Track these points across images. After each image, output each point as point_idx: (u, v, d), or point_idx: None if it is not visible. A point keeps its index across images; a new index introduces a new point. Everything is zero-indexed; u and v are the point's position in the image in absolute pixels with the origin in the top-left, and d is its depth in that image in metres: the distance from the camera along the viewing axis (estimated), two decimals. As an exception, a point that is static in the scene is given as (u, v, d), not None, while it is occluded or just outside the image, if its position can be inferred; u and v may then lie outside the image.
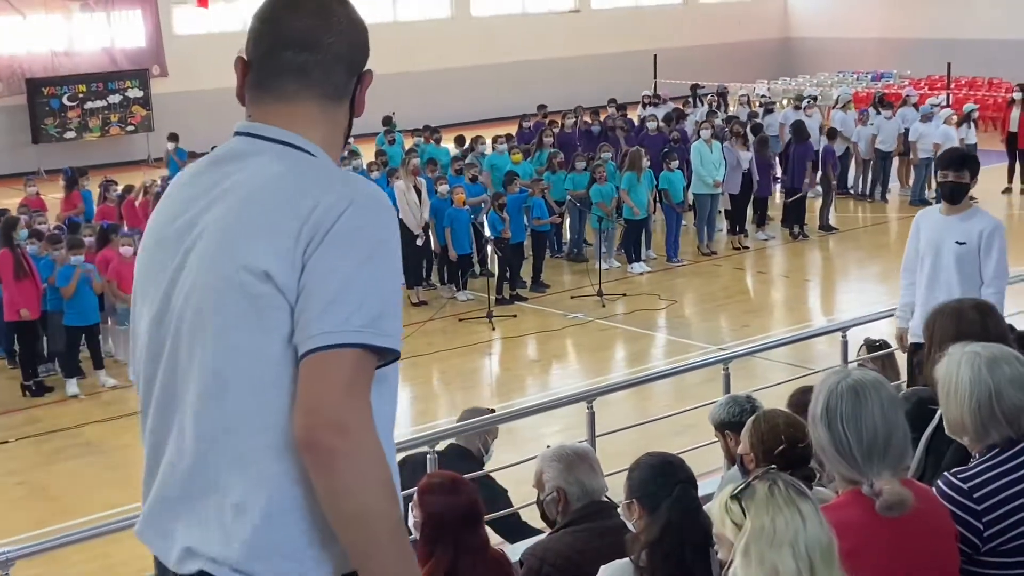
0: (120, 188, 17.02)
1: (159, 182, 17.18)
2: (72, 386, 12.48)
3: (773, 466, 3.30)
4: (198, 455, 2.25)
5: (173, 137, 22.07)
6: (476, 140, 19.32)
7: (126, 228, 14.45)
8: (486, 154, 18.71)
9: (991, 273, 7.09)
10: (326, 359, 2.14)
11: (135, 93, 27.96)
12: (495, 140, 19.29)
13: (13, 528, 9.02)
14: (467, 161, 17.55)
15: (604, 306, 15.02)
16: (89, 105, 27.34)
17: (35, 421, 11.86)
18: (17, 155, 25.96)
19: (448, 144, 20.24)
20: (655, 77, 30.88)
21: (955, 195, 7.21)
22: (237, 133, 2.39)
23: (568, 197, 17.23)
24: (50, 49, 27.16)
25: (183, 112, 26.81)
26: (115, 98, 27.69)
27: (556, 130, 20.68)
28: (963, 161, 7.29)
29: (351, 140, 2.63)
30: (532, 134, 21.16)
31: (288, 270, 2.18)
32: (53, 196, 18.85)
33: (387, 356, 2.22)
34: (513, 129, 22.10)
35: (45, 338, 12.91)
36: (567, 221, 17.98)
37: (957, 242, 7.14)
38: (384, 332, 2.18)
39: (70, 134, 27.17)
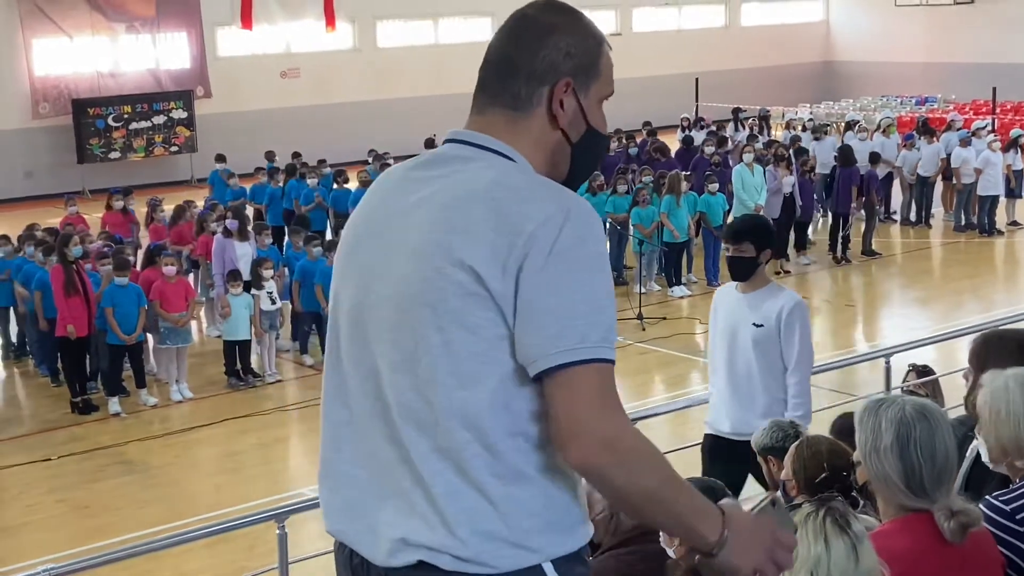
0: (167, 209, 17.16)
1: (199, 204, 17.34)
2: (114, 404, 12.56)
3: (834, 494, 3.29)
4: (404, 447, 2.29)
5: (220, 158, 22.22)
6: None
7: (169, 248, 14.55)
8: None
9: (793, 359, 6.22)
10: (572, 377, 2.18)
11: (179, 114, 28.25)
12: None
13: (54, 545, 9.08)
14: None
15: (644, 329, 14.97)
16: (134, 126, 27.63)
17: (77, 439, 11.95)
18: (62, 175, 26.26)
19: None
20: (696, 100, 30.85)
21: (738, 271, 6.33)
22: (448, 140, 2.47)
23: (608, 220, 17.22)
24: (96, 70, 27.50)
25: (226, 132, 27.07)
26: (160, 119, 27.99)
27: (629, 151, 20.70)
28: (740, 232, 6.30)
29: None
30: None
31: (500, 275, 2.20)
32: (96, 215, 19.03)
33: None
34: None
35: (89, 356, 13.00)
36: (607, 244, 17.95)
37: (754, 324, 6.22)
38: (613, 344, 2.24)
39: (115, 154, 27.46)
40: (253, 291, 13.36)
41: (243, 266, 13.95)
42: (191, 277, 15.50)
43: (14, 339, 14.53)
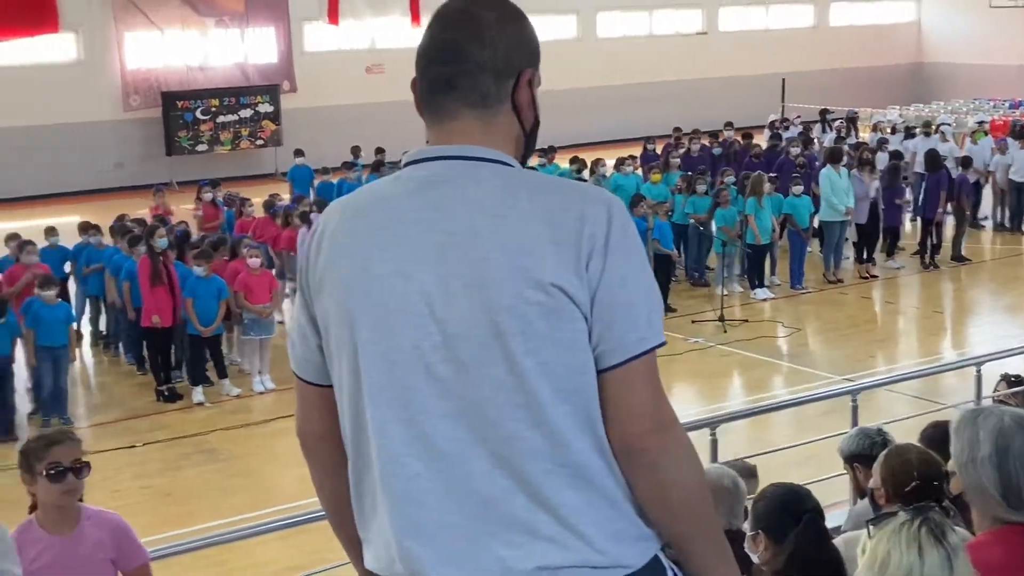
0: (255, 203, 17.41)
1: (284, 198, 17.54)
2: (198, 394, 12.75)
3: (931, 503, 3.22)
4: (516, 476, 2.23)
5: (299, 153, 22.46)
6: (597, 162, 19.28)
7: (253, 241, 14.72)
8: (606, 176, 18.65)
9: None
10: (635, 364, 2.24)
11: (265, 108, 28.59)
12: (621, 161, 19.23)
13: (138, 531, 9.19)
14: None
15: (726, 331, 14.83)
16: (221, 119, 28.03)
17: (162, 427, 12.14)
18: (151, 166, 26.71)
19: (563, 164, 20.16)
20: (783, 101, 30.51)
21: None
22: (425, 159, 2.34)
23: (690, 221, 17.09)
24: (186, 64, 27.93)
25: (310, 127, 27.34)
26: (246, 112, 28.35)
27: (682, 152, 20.56)
28: None
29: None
30: (656, 156, 21.07)
31: (576, 281, 2.20)
32: (184, 207, 19.32)
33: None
34: (634, 150, 22.01)
35: (174, 346, 13.20)
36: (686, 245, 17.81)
37: None
38: (662, 328, 2.31)
39: (202, 147, 27.87)
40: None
41: (327, 259, 14.03)
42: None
43: (103, 328, 14.79)
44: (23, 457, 4.55)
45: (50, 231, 14.91)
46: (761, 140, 22.62)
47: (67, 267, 14.60)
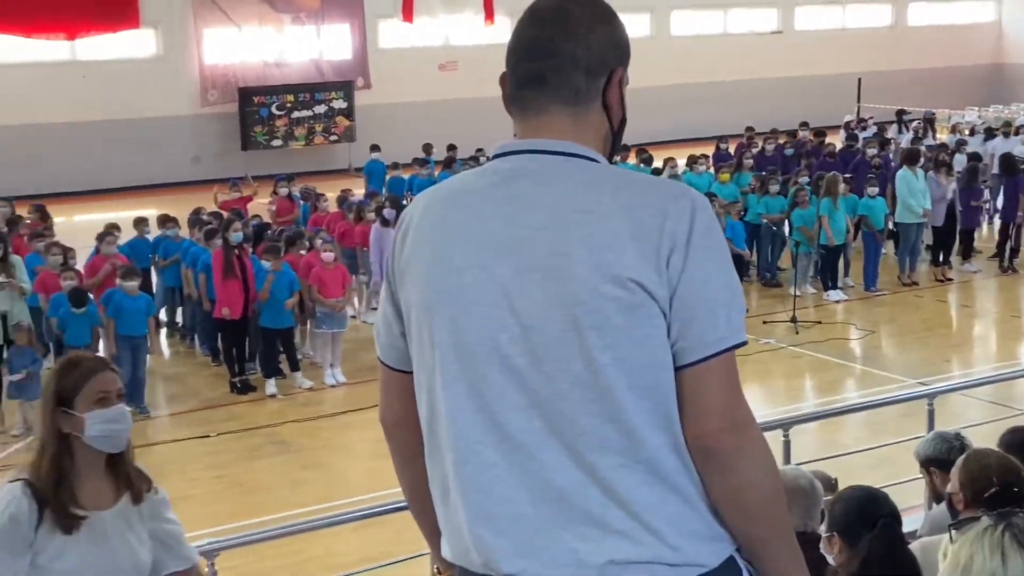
0: (328, 197, 17.57)
1: (357, 194, 17.69)
2: (271, 386, 12.90)
3: (1016, 509, 3.18)
4: (589, 469, 2.24)
5: (375, 148, 22.64)
6: (668, 161, 19.22)
7: (326, 235, 14.86)
8: (679, 174, 18.57)
9: None
10: (713, 362, 2.23)
11: (339, 104, 28.84)
12: (694, 160, 19.13)
13: (212, 519, 9.35)
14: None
15: (798, 333, 14.71)
16: (296, 114, 28.32)
17: (235, 418, 12.30)
18: (227, 161, 27.07)
19: (631, 162, 20.12)
20: (859, 101, 30.16)
21: None
22: (512, 152, 2.37)
23: (763, 221, 16.97)
24: (262, 60, 28.27)
25: (383, 123, 27.53)
26: (320, 108, 28.62)
27: (755, 152, 20.42)
28: None
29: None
30: (729, 155, 20.94)
31: (656, 278, 2.20)
32: (259, 201, 19.54)
33: None
34: (706, 149, 21.90)
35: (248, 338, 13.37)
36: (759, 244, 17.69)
37: None
38: (744, 328, 2.30)
39: (277, 142, 28.18)
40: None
41: (400, 255, 14.14)
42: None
43: (180, 319, 15.01)
44: None
45: (140, 222, 15.17)
46: (836, 140, 22.34)
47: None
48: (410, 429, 2.49)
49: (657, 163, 19.81)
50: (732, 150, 21.81)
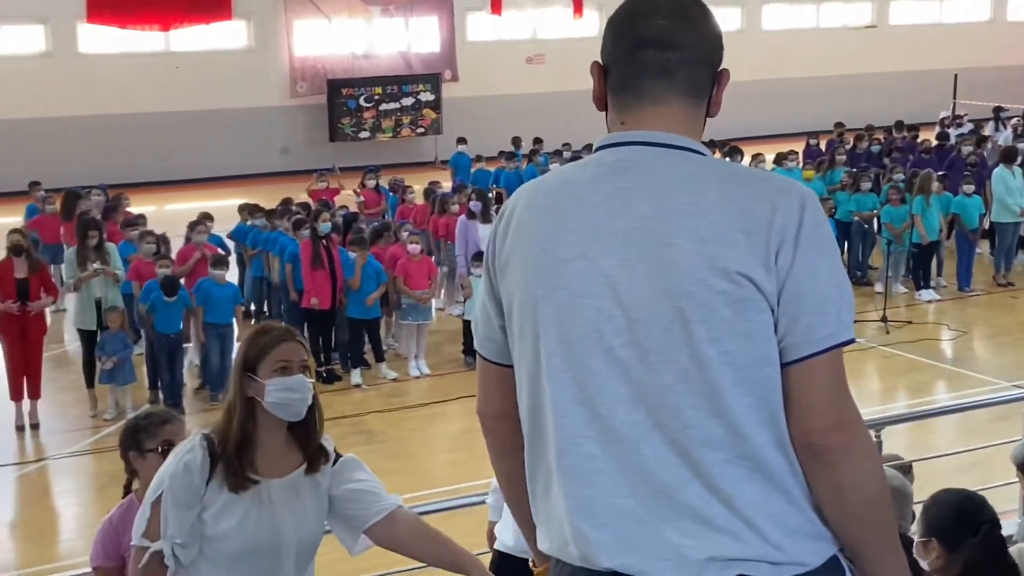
0: (414, 189, 17.65)
1: (441, 187, 17.75)
2: (356, 376, 12.99)
3: None
4: (693, 464, 2.22)
5: (462, 140, 22.70)
6: (756, 157, 19.00)
7: (412, 227, 14.93)
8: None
9: None
10: (821, 359, 2.21)
11: (427, 96, 28.95)
12: (782, 156, 18.90)
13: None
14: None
15: (888, 332, 14.45)
16: (384, 107, 28.49)
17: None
18: (315, 152, 27.31)
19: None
20: (955, 97, 29.55)
21: None
22: (618, 143, 2.35)
23: (854, 218, 16.71)
24: (351, 52, 28.48)
25: (471, 116, 27.57)
26: (408, 100, 28.76)
27: (847, 148, 20.12)
28: None
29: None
30: (820, 151, 20.65)
31: (764, 272, 2.19)
32: (345, 193, 19.69)
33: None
34: (796, 145, 21.61)
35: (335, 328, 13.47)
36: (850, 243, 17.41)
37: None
38: (852, 325, 2.27)
39: (364, 134, 28.38)
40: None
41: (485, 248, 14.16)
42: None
43: (266, 308, 15.18)
44: (131, 434, 4.56)
45: (245, 209, 15.34)
46: (931, 137, 21.91)
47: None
48: (508, 422, 2.49)
49: (745, 160, 19.60)
50: (824, 146, 21.51)
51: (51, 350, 13.45)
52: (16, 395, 11.68)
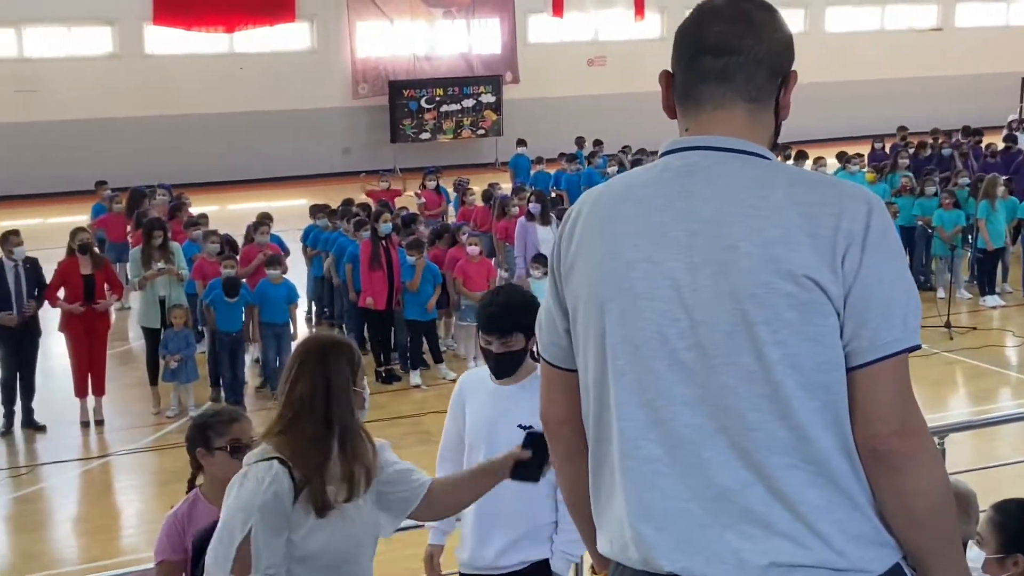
0: (476, 191, 17.69)
1: (501, 189, 17.77)
2: (415, 377, 13.05)
3: None
4: (756, 468, 2.22)
5: (521, 142, 22.72)
6: (818, 160, 18.84)
7: (472, 228, 14.96)
8: (827, 173, 18.20)
9: None
10: (886, 364, 2.20)
11: (488, 98, 29.02)
12: (845, 159, 18.72)
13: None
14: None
15: (952, 339, 14.26)
16: (444, 108, 28.60)
17: (380, 407, 12.44)
18: (375, 153, 27.51)
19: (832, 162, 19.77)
20: (1021, 101, 29.13)
21: (505, 368, 4.74)
22: (683, 148, 2.36)
23: (918, 223, 16.51)
24: (412, 53, 28.62)
25: (531, 118, 27.60)
26: (469, 102, 28.85)
27: (912, 152, 19.90)
28: (509, 322, 4.62)
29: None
30: (885, 155, 20.44)
31: (831, 276, 2.18)
32: (407, 194, 19.78)
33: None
34: (859, 149, 21.39)
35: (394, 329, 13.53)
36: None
37: (522, 427, 4.40)
38: (919, 331, 2.26)
39: (425, 135, 28.51)
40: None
41: (545, 250, 14.17)
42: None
43: (327, 308, 15.28)
44: (199, 431, 4.61)
45: (315, 210, 15.45)
46: (997, 141, 21.60)
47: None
48: (573, 426, 2.51)
49: (808, 163, 19.44)
50: (888, 150, 21.30)
51: (115, 347, 13.67)
52: (81, 392, 11.86)
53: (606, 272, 2.34)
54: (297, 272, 14.62)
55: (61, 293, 11.65)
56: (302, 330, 13.62)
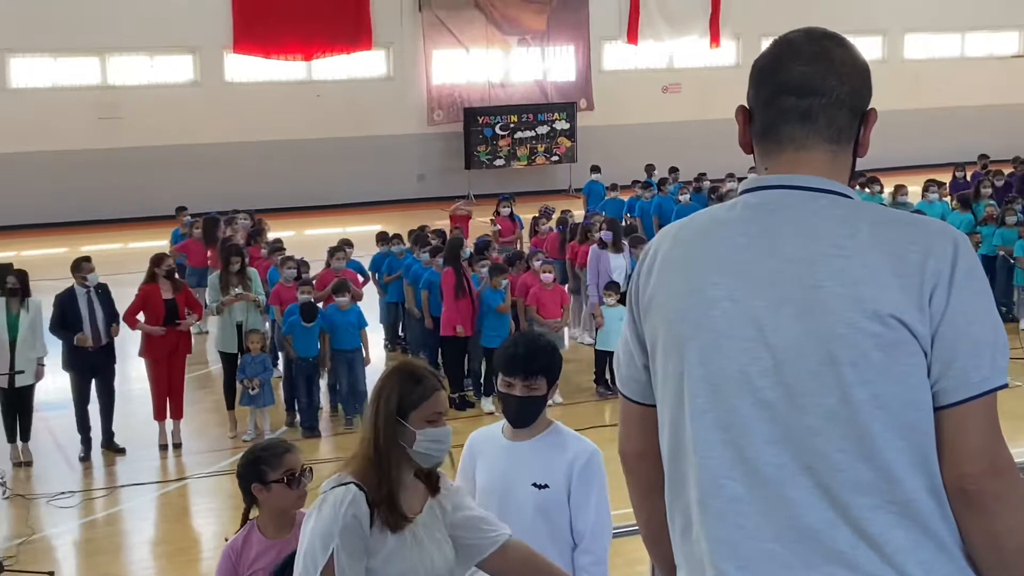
0: (551, 219, 17.71)
1: (576, 215, 17.75)
2: (487, 403, 13.06)
3: None
4: (841, 508, 2.21)
5: (595, 169, 22.73)
6: (898, 189, 18.61)
7: (545, 255, 14.96)
8: (908, 203, 17.97)
9: (588, 529, 4.47)
10: (975, 404, 2.19)
11: (562, 125, 29.09)
12: (926, 187, 18.48)
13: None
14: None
15: (1034, 372, 13.97)
16: (519, 135, 28.73)
17: (454, 433, 12.41)
18: (450, 179, 27.70)
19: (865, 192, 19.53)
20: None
21: (525, 416, 4.50)
22: (764, 187, 2.35)
23: (999, 252, 16.23)
24: (487, 80, 28.80)
25: (605, 144, 27.61)
26: (543, 129, 28.94)
27: (996, 181, 19.59)
28: (535, 365, 4.45)
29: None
30: (966, 183, 20.14)
31: (918, 316, 2.18)
32: (480, 220, 19.87)
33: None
34: (939, 176, 21.09)
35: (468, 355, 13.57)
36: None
37: (536, 485, 4.44)
38: (1006, 370, 2.25)
39: (499, 162, 28.64)
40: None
41: (617, 277, 14.13)
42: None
43: (401, 332, 15.36)
44: (252, 467, 4.65)
45: (381, 238, 15.60)
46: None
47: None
48: (651, 462, 2.51)
49: (887, 190, 19.20)
50: (969, 178, 20.99)
51: (193, 371, 13.84)
52: (160, 415, 12.02)
53: (686, 309, 2.34)
54: (371, 299, 14.71)
55: (140, 316, 11.83)
56: (377, 356, 13.68)
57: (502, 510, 4.29)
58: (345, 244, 14.61)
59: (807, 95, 2.33)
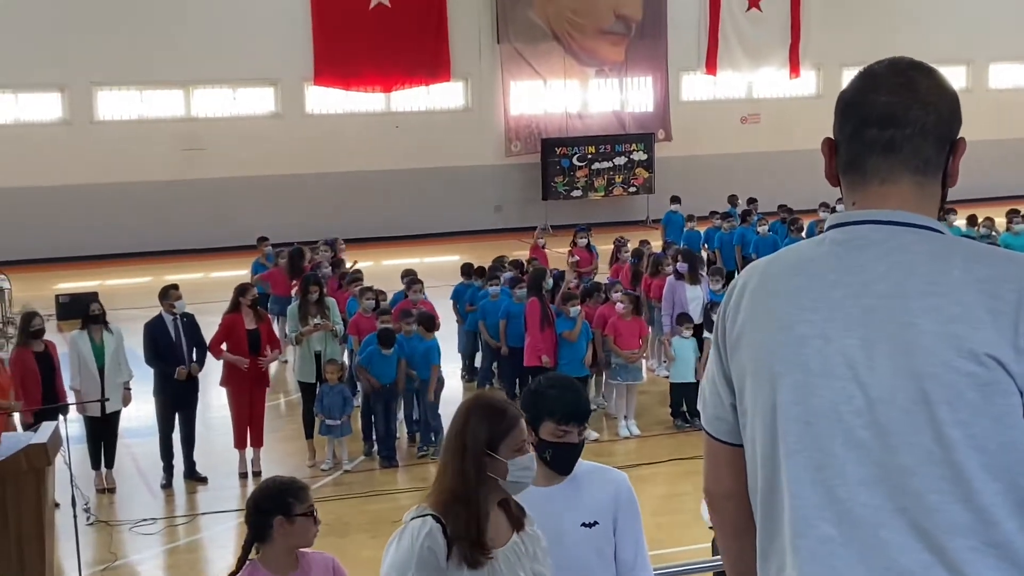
0: (628, 249, 17.65)
1: (653, 246, 17.67)
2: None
3: None
4: (939, 550, 2.17)
5: (675, 199, 22.64)
6: (985, 221, 18.31)
7: (623, 287, 14.91)
8: (995, 233, 17.65)
9: (632, 557, 4.36)
10: None
11: (639, 156, 29.05)
12: (1010, 218, 18.17)
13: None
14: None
15: None
16: (596, 166, 28.73)
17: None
18: (527, 210, 27.77)
19: (959, 223, 19.24)
20: None
21: (567, 462, 4.30)
22: (852, 222, 2.31)
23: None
24: (565, 111, 28.87)
25: (683, 175, 27.52)
26: (620, 160, 28.93)
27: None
28: (588, 410, 4.36)
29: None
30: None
31: (1014, 354, 2.12)
32: (557, 251, 19.87)
33: None
34: (1025, 208, 20.73)
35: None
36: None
37: (584, 524, 4.28)
38: None
39: (576, 192, 28.65)
40: (705, 334, 13.40)
41: (693, 309, 14.04)
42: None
43: (477, 363, 15.38)
44: (279, 499, 4.69)
45: (465, 271, 15.61)
46: None
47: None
48: (738, 502, 2.47)
49: (961, 221, 18.89)
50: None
51: (273, 400, 13.98)
52: (240, 443, 12.15)
53: (776, 347, 2.30)
54: (448, 330, 14.74)
55: (223, 346, 11.98)
56: (453, 385, 13.70)
57: (555, 556, 4.14)
58: (410, 275, 14.58)
59: (890, 126, 2.29)
